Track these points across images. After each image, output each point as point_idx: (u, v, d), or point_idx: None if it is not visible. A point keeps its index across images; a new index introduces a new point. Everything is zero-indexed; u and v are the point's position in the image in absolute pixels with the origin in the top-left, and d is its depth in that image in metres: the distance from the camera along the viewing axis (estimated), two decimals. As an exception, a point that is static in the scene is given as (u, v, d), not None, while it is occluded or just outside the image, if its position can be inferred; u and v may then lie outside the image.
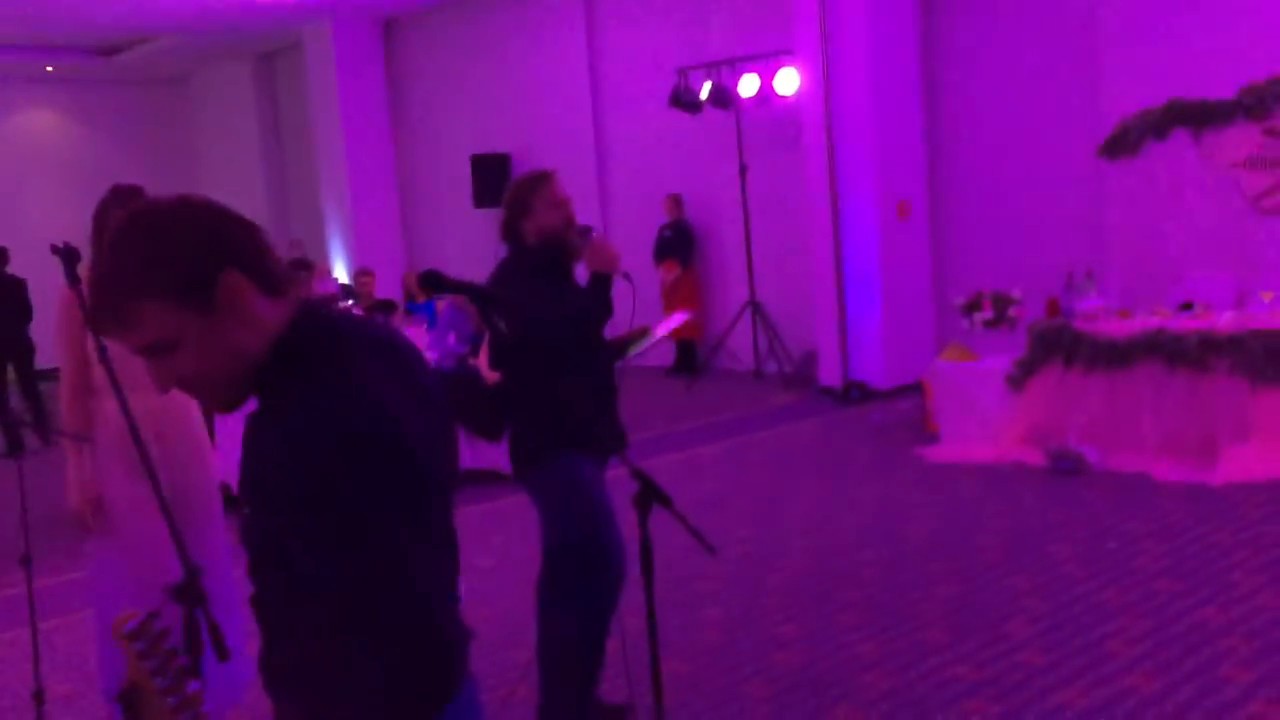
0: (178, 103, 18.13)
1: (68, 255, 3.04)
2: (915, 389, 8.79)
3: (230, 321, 1.50)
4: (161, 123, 17.70)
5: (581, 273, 3.61)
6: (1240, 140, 7.72)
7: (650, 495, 2.59)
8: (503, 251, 3.69)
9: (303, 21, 14.12)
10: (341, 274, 14.20)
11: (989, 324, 7.69)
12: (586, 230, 3.66)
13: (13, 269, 10.60)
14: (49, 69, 16.08)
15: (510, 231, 3.62)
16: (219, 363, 1.51)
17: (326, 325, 1.57)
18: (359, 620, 1.44)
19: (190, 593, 2.41)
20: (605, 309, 3.63)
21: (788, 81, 10.19)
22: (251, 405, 1.58)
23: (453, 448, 1.69)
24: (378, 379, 1.52)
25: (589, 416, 3.53)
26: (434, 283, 2.44)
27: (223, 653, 2.36)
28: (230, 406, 1.58)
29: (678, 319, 4.40)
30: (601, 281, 3.62)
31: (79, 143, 17.24)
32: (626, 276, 3.66)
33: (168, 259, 1.46)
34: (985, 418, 7.48)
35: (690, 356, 11.41)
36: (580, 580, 3.54)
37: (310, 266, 13.88)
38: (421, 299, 10.28)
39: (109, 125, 17.55)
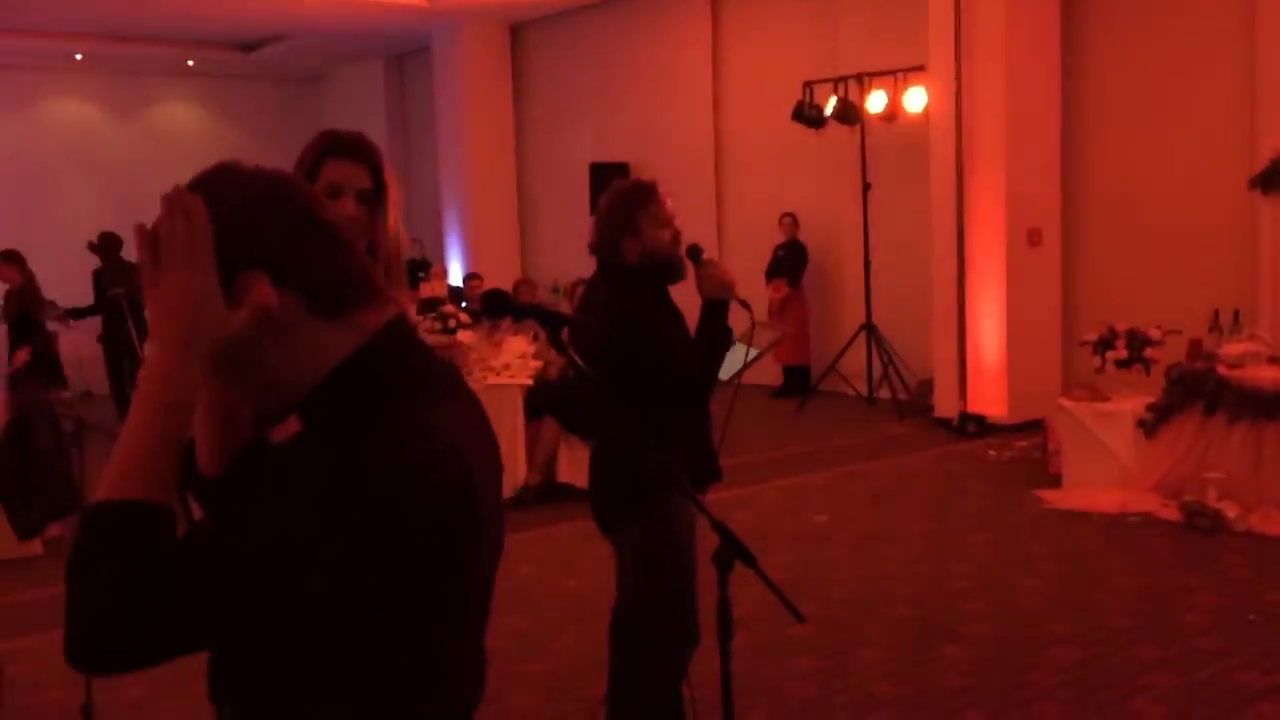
0: (311, 99, 18.47)
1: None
2: (1037, 426, 8.31)
3: (252, 329, 1.26)
4: (294, 119, 18.00)
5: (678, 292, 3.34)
6: None
7: (733, 553, 2.34)
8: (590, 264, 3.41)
9: (433, 24, 14.21)
10: (456, 277, 14.22)
11: (1122, 363, 7.18)
12: (699, 251, 3.34)
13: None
14: (190, 63, 16.51)
15: (607, 248, 3.30)
16: (238, 369, 1.32)
17: (405, 358, 1.34)
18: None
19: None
20: (725, 339, 3.31)
21: (917, 99, 9.80)
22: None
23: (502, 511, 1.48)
24: (460, 433, 1.31)
25: (687, 451, 3.24)
26: (496, 305, 2.22)
27: None
28: (264, 418, 1.43)
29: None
30: (716, 309, 3.30)
31: (215, 136, 17.65)
32: (744, 304, 3.36)
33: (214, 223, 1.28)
34: (1113, 463, 6.99)
35: (802, 379, 11.07)
36: (654, 644, 3.26)
37: (427, 267, 14.01)
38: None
39: (245, 120, 17.94)
